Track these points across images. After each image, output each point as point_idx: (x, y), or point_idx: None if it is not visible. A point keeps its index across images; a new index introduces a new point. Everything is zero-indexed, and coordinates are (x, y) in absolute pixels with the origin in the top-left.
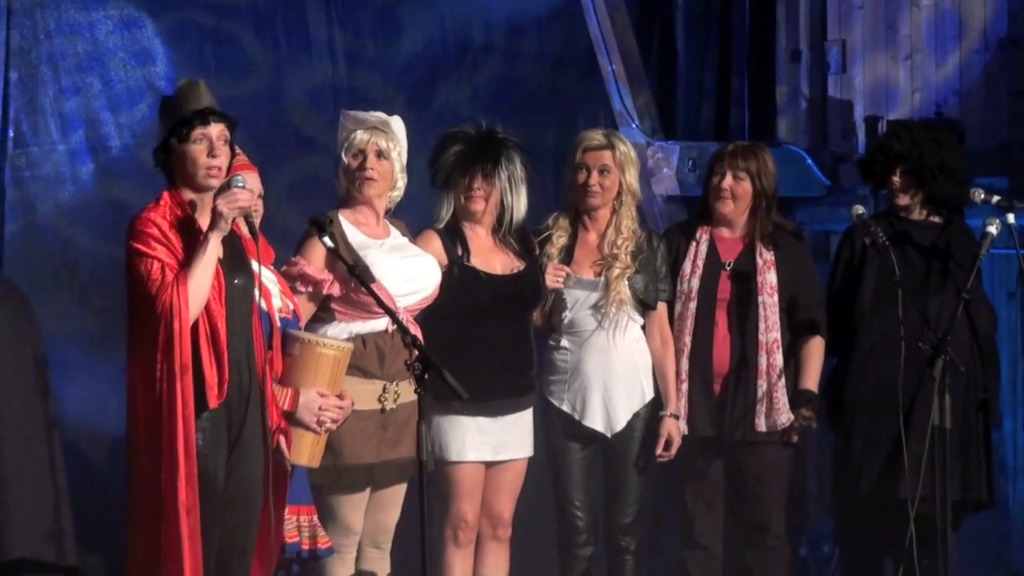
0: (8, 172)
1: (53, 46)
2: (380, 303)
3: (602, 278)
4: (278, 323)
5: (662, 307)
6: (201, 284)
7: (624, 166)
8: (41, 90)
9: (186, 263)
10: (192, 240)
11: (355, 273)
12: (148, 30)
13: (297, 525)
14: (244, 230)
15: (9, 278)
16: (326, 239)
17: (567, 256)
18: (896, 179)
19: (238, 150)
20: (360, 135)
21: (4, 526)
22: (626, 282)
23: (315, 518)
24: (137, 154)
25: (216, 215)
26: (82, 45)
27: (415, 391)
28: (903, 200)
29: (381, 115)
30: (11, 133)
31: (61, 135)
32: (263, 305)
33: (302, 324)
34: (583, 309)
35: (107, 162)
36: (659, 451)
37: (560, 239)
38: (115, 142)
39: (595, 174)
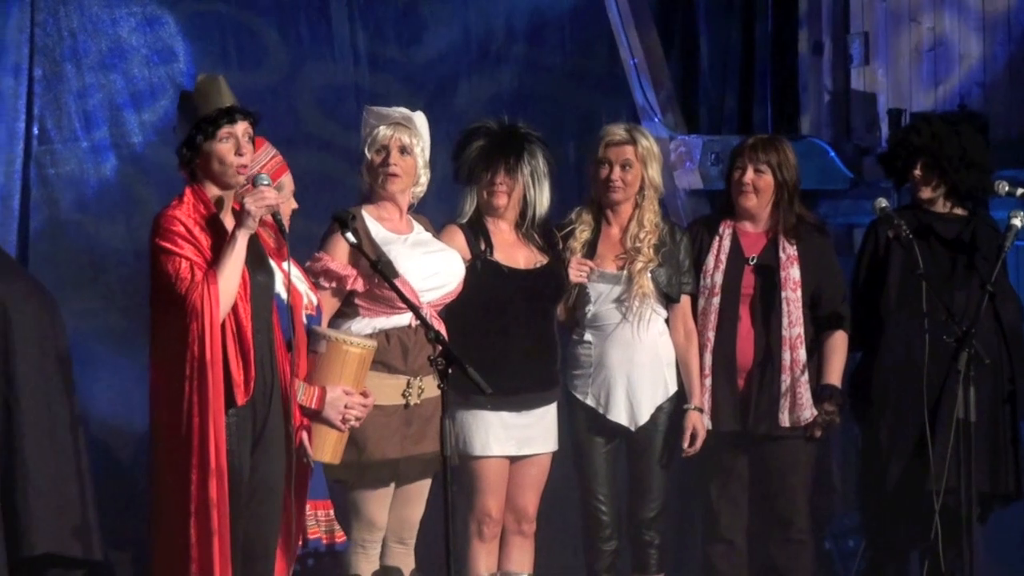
0: (33, 169)
1: (76, 44)
2: (403, 298)
3: (625, 271)
4: (304, 320)
5: (685, 300)
6: (231, 282)
7: (646, 161)
8: (65, 87)
9: (214, 261)
10: (217, 237)
11: (378, 269)
12: (170, 27)
13: (315, 520)
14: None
15: (34, 275)
16: (348, 235)
17: (590, 250)
18: (917, 172)
19: (275, 150)
20: (383, 131)
21: (30, 522)
22: (649, 275)
23: (331, 512)
24: (160, 150)
25: (244, 213)
26: (105, 42)
27: (438, 386)
28: (926, 193)
29: (404, 111)
30: (36, 130)
31: (85, 132)
32: (284, 297)
33: (325, 320)
34: (606, 303)
35: (130, 159)
36: (685, 445)
37: (583, 233)
38: (138, 139)
39: (617, 169)
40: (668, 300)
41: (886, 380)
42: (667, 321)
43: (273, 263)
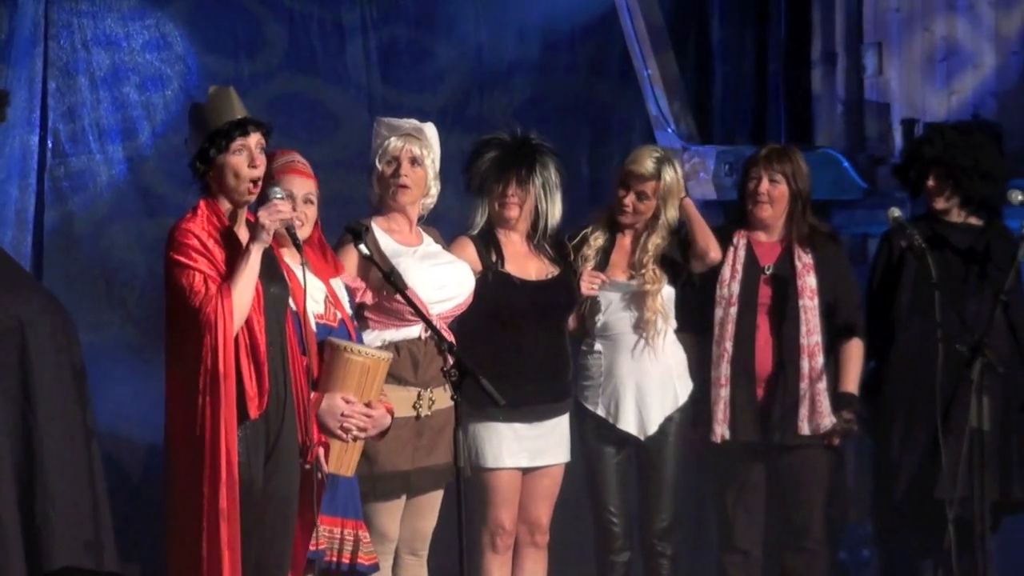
0: (47, 182)
1: (91, 57)
2: (416, 310)
3: (635, 282)
4: (312, 327)
5: None
6: (245, 296)
7: (666, 198)
8: (79, 100)
9: (228, 275)
10: (231, 250)
11: (391, 280)
12: (184, 41)
13: (330, 536)
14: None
15: (49, 288)
16: (362, 246)
17: (603, 257)
18: (931, 183)
19: (302, 158)
20: (394, 142)
21: (47, 536)
22: (661, 295)
23: (360, 532)
24: (174, 164)
25: (258, 227)
26: (119, 56)
27: (451, 398)
28: (940, 203)
29: (415, 122)
30: (50, 143)
31: (99, 145)
32: (293, 306)
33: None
34: (617, 312)
35: (144, 172)
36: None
37: (597, 240)
38: (152, 152)
39: (632, 196)
40: (677, 266)
41: (897, 389)
42: (676, 332)
43: (303, 272)
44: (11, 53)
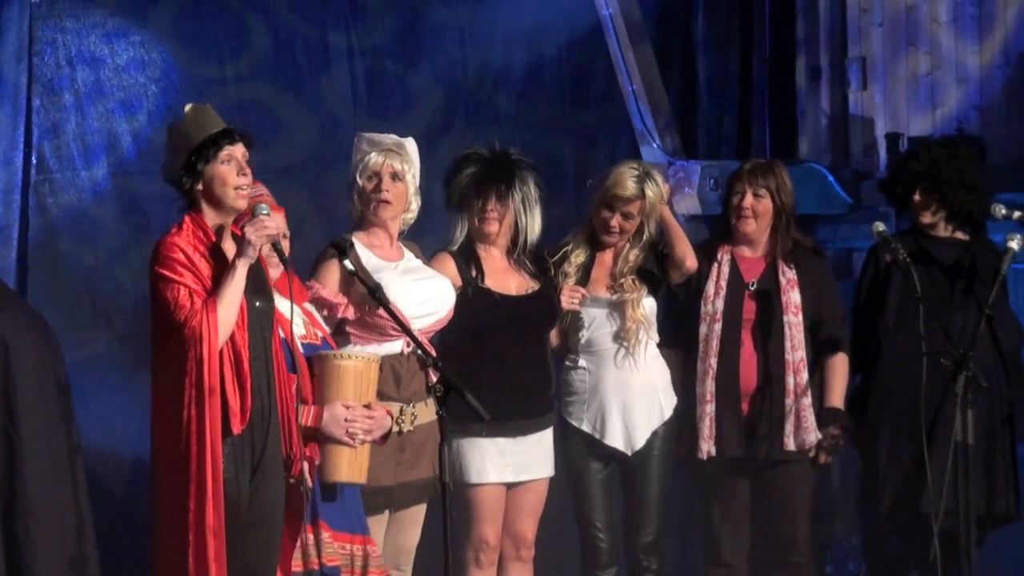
0: (31, 199)
1: (75, 74)
2: (402, 326)
3: (617, 296)
4: (299, 348)
5: None
6: (230, 311)
7: (650, 215)
8: (63, 117)
9: (214, 289)
10: (217, 265)
11: (376, 295)
12: (168, 57)
13: (343, 552)
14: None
15: (33, 305)
16: (347, 262)
17: (584, 274)
18: (917, 197)
19: (265, 190)
20: (375, 157)
21: (30, 552)
22: (642, 305)
23: (369, 547)
24: (159, 180)
25: (244, 243)
26: (104, 72)
27: (436, 413)
28: (926, 218)
29: (395, 137)
30: (34, 160)
31: (83, 162)
32: (281, 332)
33: None
34: (600, 328)
35: (129, 188)
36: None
37: (578, 257)
38: (136, 168)
39: (617, 216)
40: (655, 279)
41: (882, 403)
42: (659, 345)
43: (289, 299)
44: None
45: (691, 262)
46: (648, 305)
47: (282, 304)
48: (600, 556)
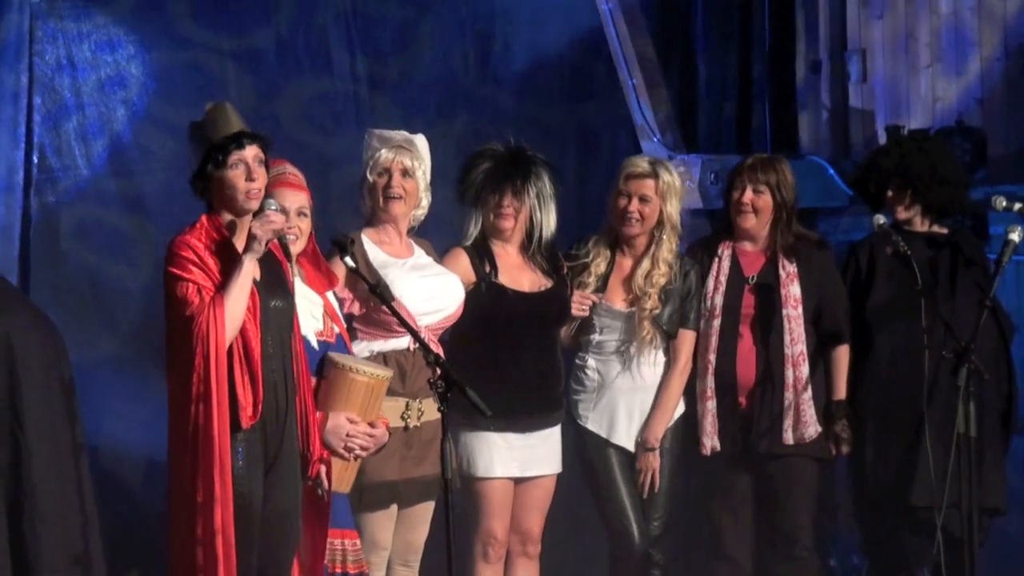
0: (33, 198)
1: (76, 72)
2: (403, 322)
3: (631, 310)
4: (315, 346)
5: (684, 334)
6: (237, 306)
7: (666, 196)
8: (64, 115)
9: (222, 286)
10: (229, 263)
11: (376, 292)
12: (170, 55)
13: (330, 548)
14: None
15: (37, 304)
16: (347, 259)
17: (603, 283)
18: (890, 193)
19: (294, 169)
20: (385, 154)
21: (35, 552)
22: (659, 316)
23: (358, 542)
24: (160, 178)
25: (250, 238)
26: (104, 71)
27: (438, 409)
28: (901, 213)
29: (406, 134)
30: (35, 159)
31: (85, 160)
32: (320, 327)
33: None
34: (612, 333)
35: (130, 186)
36: (643, 493)
37: (599, 267)
38: (138, 166)
39: (635, 201)
40: (668, 337)
41: (870, 397)
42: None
43: (309, 290)
44: None
45: None
46: (665, 315)
47: (310, 295)
48: (632, 545)
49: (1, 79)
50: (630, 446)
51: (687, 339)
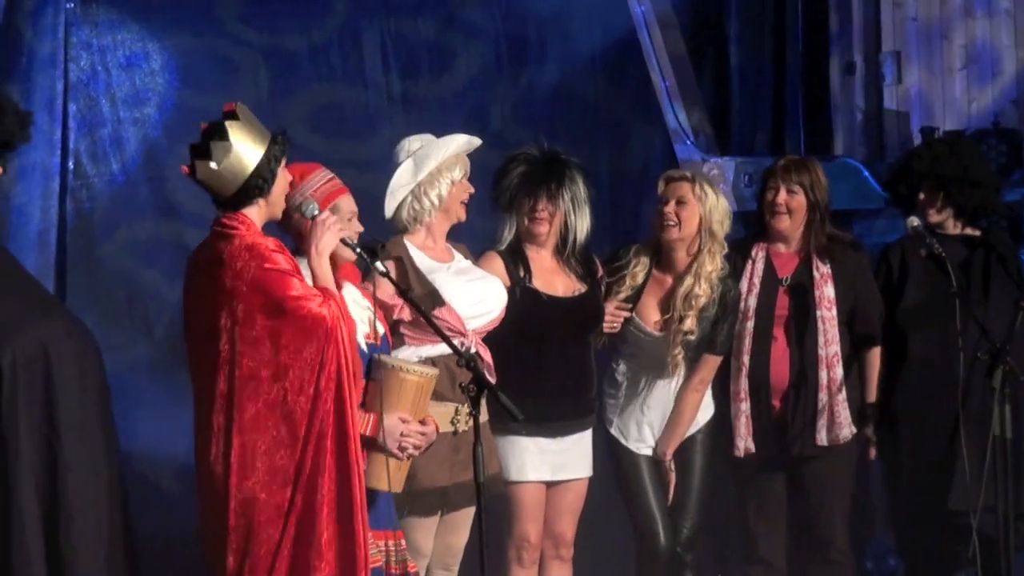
0: (69, 204)
1: (111, 78)
2: (432, 325)
3: (662, 334)
4: (364, 348)
5: (706, 358)
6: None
7: (704, 201)
8: (99, 121)
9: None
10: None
11: (408, 297)
12: (204, 60)
13: (383, 550)
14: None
15: (72, 311)
16: (378, 264)
17: (636, 295)
18: (922, 196)
19: (330, 174)
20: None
21: (70, 562)
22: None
23: (403, 542)
24: (194, 183)
25: (319, 241)
26: (139, 76)
27: (468, 413)
28: (933, 216)
29: (467, 137)
30: (71, 165)
31: (120, 166)
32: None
33: None
34: (641, 348)
35: (165, 192)
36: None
37: (635, 277)
38: (173, 171)
39: (672, 204)
40: (693, 361)
41: (905, 400)
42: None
43: (358, 293)
44: (31, 74)
45: None
46: (696, 339)
47: (358, 299)
48: (659, 547)
49: (37, 86)
50: (657, 454)
51: (709, 363)
